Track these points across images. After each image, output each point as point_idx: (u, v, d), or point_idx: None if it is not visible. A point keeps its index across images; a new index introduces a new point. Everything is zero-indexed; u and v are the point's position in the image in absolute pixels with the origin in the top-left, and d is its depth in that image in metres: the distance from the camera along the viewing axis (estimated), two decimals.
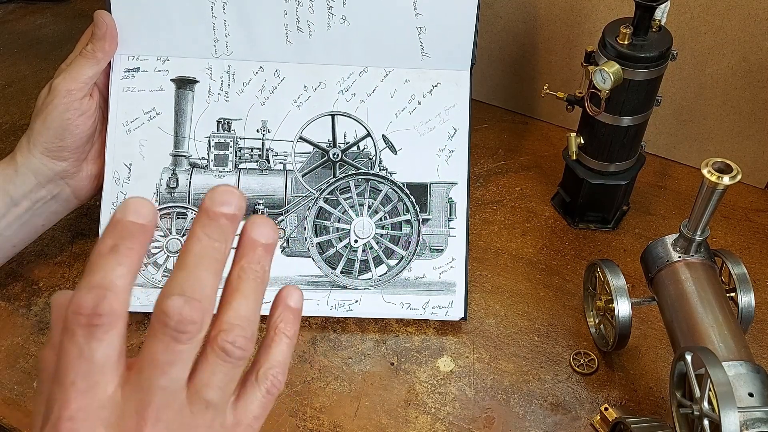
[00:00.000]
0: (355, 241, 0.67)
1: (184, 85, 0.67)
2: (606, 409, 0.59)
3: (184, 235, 0.67)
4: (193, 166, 0.67)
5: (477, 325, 0.67)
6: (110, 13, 0.64)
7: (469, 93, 0.68)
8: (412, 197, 0.67)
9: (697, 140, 0.81)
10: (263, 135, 0.68)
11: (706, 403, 0.46)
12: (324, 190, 0.67)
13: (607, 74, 0.63)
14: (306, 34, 0.66)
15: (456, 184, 0.67)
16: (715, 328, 0.52)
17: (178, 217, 0.67)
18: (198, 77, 0.67)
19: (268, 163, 0.68)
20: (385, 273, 0.67)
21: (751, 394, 0.48)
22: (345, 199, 0.68)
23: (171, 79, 0.67)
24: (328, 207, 0.68)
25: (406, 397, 0.62)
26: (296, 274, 0.67)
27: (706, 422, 0.46)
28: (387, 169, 0.68)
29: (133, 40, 0.66)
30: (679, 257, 0.58)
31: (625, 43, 0.63)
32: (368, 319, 0.67)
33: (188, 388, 0.32)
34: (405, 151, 0.68)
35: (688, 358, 0.49)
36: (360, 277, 0.67)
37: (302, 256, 0.67)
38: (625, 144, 0.70)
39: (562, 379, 0.63)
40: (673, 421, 0.50)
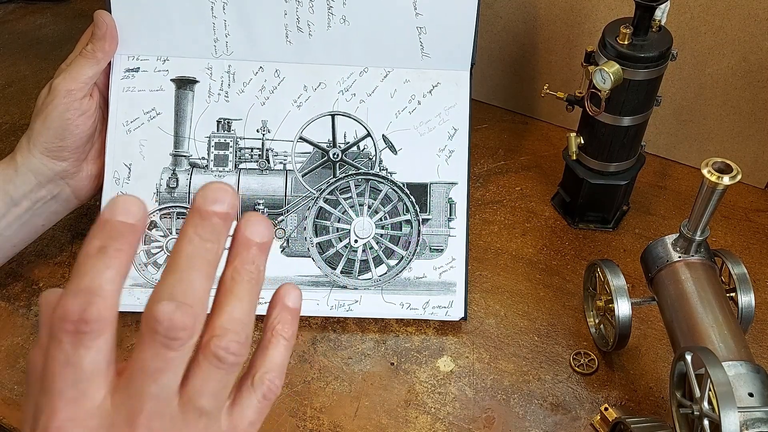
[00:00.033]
0: (355, 241, 0.67)
1: (184, 85, 0.67)
2: (606, 409, 0.59)
3: None
4: (193, 166, 0.67)
5: (477, 325, 0.67)
6: (110, 13, 0.64)
7: (469, 93, 0.68)
8: (412, 197, 0.67)
9: (697, 140, 0.81)
10: (263, 135, 0.68)
11: (706, 403, 0.46)
12: (324, 190, 0.67)
13: (607, 74, 0.63)
14: (306, 34, 0.66)
15: (456, 184, 0.67)
16: (715, 328, 0.52)
17: (178, 217, 0.67)
18: (198, 77, 0.67)
19: (268, 163, 0.68)
20: (385, 273, 0.67)
21: (751, 394, 0.48)
22: (345, 199, 0.68)
23: (171, 79, 0.67)
24: (328, 207, 0.68)
25: (406, 397, 0.62)
26: (296, 274, 0.67)
27: (706, 422, 0.46)
28: (387, 169, 0.68)
29: (133, 40, 0.66)
30: (679, 257, 0.58)
31: (625, 43, 0.63)
32: (368, 319, 0.67)
33: (181, 396, 0.31)
34: (405, 151, 0.68)
35: (688, 358, 0.49)
36: (360, 277, 0.67)
37: (302, 256, 0.67)
38: (625, 144, 0.70)
39: (562, 379, 0.63)
40: (673, 421, 0.50)
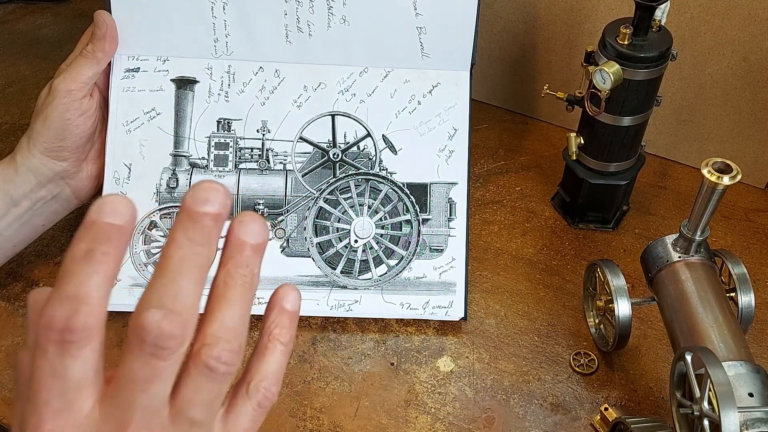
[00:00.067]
0: (355, 241, 0.67)
1: (184, 85, 0.67)
2: (606, 409, 0.59)
3: None
4: (193, 166, 0.67)
5: (477, 325, 0.67)
6: (110, 13, 0.64)
7: (469, 93, 0.68)
8: (412, 197, 0.67)
9: (697, 140, 0.81)
10: (263, 135, 0.68)
11: (706, 403, 0.46)
12: (324, 190, 0.67)
13: (607, 74, 0.63)
14: (306, 34, 0.66)
15: (456, 184, 0.67)
16: (715, 328, 0.52)
17: None
18: (198, 77, 0.67)
19: (268, 163, 0.68)
20: (385, 273, 0.67)
21: (751, 394, 0.48)
22: (345, 199, 0.68)
23: (171, 79, 0.67)
24: (328, 207, 0.68)
25: (406, 397, 0.62)
26: (296, 274, 0.67)
27: (706, 422, 0.46)
28: (387, 169, 0.68)
29: (133, 40, 0.66)
30: (679, 257, 0.58)
31: (625, 43, 0.63)
32: (368, 319, 0.67)
33: (171, 406, 0.30)
34: (405, 151, 0.68)
35: (688, 358, 0.49)
36: (360, 277, 0.67)
37: (302, 256, 0.67)
38: (625, 144, 0.70)
39: (562, 379, 0.63)
40: (673, 421, 0.50)
